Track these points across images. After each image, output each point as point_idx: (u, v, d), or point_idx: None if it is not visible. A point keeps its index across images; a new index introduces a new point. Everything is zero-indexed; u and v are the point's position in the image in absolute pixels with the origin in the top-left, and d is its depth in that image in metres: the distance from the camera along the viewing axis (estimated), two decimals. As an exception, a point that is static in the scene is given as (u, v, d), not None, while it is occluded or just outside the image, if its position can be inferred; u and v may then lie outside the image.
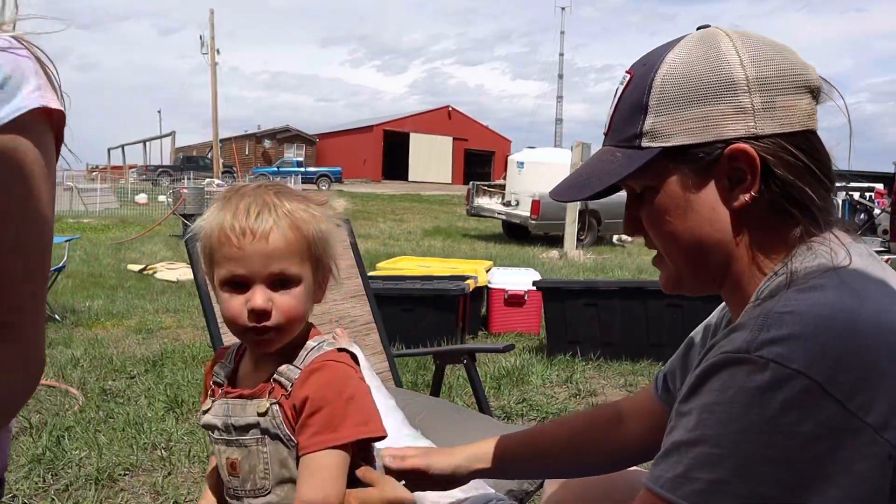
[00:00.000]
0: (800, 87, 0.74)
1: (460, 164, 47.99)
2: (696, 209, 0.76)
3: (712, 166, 0.75)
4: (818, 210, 0.73)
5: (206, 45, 29.13)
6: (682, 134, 0.75)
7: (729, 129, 0.73)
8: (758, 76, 0.73)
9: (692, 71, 0.75)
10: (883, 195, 6.13)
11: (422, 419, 1.96)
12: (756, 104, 0.73)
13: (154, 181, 31.55)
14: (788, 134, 0.73)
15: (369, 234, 13.26)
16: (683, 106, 0.75)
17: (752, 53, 0.74)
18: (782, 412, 0.59)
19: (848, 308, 0.63)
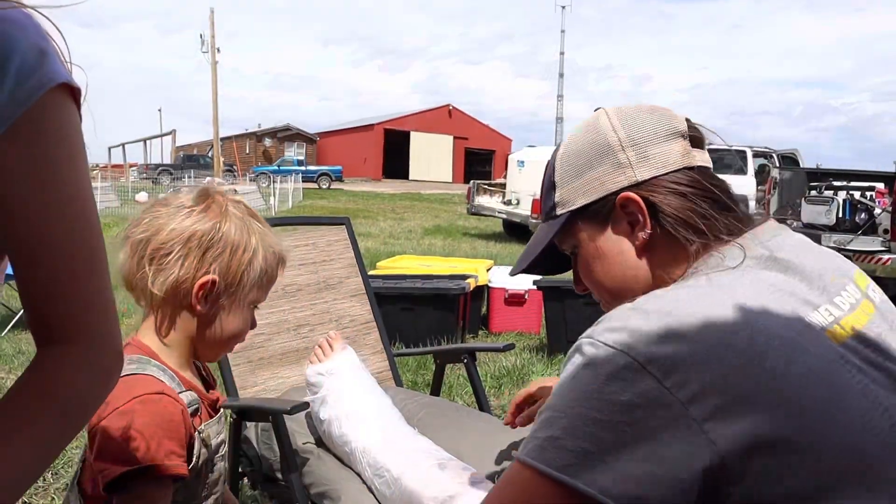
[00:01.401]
0: (668, 135, 0.90)
1: (461, 162, 47.99)
2: (608, 256, 0.92)
3: (610, 217, 0.91)
4: (711, 228, 0.86)
5: (207, 44, 29.15)
6: (581, 197, 0.92)
7: (614, 183, 0.90)
8: (628, 135, 0.90)
9: (579, 146, 0.94)
10: (883, 194, 6.12)
11: (421, 418, 1.96)
12: (631, 158, 0.89)
13: (155, 180, 31.55)
14: (666, 174, 0.88)
15: (369, 232, 13.26)
16: (578, 175, 0.93)
17: (622, 120, 0.92)
18: (607, 383, 0.71)
19: (679, 305, 0.75)
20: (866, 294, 0.85)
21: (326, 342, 1.92)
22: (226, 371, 2.17)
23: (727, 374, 0.69)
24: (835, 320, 0.77)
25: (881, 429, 0.71)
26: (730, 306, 0.73)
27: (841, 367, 0.73)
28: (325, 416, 1.80)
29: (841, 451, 0.69)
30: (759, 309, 0.74)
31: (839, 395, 0.71)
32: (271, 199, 19.48)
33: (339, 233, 2.62)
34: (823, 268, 0.84)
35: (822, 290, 0.80)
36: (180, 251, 1.03)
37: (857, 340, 0.77)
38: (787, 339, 0.72)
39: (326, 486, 1.75)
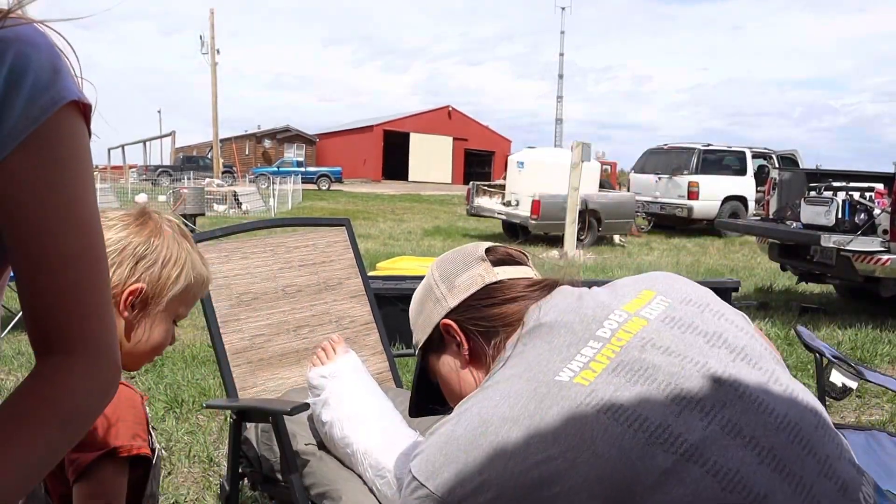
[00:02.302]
0: (468, 262, 1.09)
1: (460, 164, 47.99)
2: (449, 374, 1.09)
3: (442, 344, 1.09)
4: (503, 326, 1.01)
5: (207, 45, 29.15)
6: (421, 334, 1.12)
7: (436, 316, 1.08)
8: (440, 274, 1.11)
9: (416, 296, 1.16)
10: (883, 195, 6.12)
11: (422, 420, 1.96)
12: (443, 291, 1.08)
13: (154, 181, 31.54)
14: (472, 296, 1.05)
15: (369, 234, 13.26)
16: (416, 318, 1.14)
17: (438, 263, 1.14)
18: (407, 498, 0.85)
19: (453, 419, 0.87)
20: (637, 313, 0.93)
21: (329, 344, 1.92)
22: (225, 372, 2.17)
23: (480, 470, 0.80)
24: (589, 360, 0.86)
25: (635, 444, 0.77)
26: (484, 411, 0.84)
27: (585, 409, 0.80)
28: (327, 418, 1.80)
29: (596, 485, 0.76)
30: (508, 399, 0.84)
31: (581, 438, 0.78)
32: (271, 200, 19.48)
33: (339, 234, 2.62)
34: (587, 308, 0.94)
35: (583, 331, 0.90)
36: (114, 259, 1.10)
37: (614, 367, 0.84)
38: (527, 415, 0.81)
39: (327, 487, 1.75)
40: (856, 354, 4.87)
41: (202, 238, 2.30)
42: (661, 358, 0.85)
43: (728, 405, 0.80)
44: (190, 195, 12.17)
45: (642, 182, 15.50)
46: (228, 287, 2.28)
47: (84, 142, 0.68)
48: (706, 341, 0.88)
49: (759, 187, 13.89)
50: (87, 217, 0.68)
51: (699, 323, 0.91)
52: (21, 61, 0.62)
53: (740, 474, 0.75)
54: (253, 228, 2.57)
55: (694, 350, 0.86)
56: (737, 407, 0.80)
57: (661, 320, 0.91)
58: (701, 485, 0.75)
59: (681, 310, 0.93)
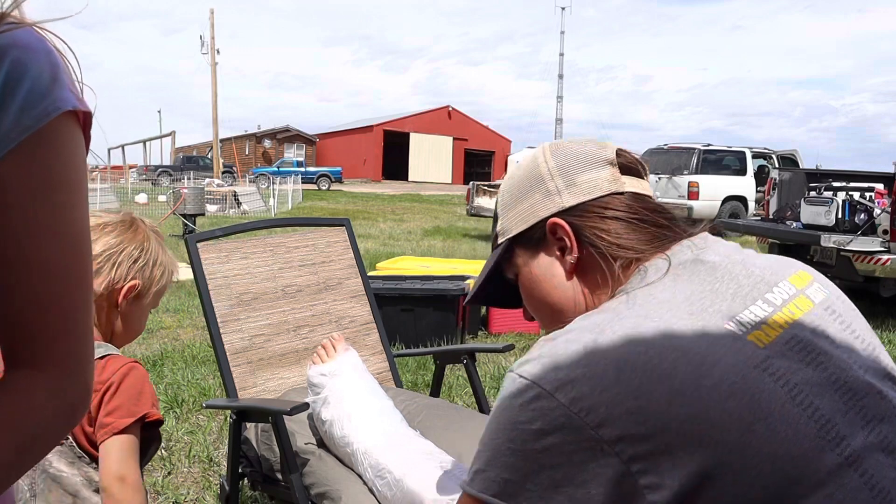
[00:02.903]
0: (596, 162, 0.94)
1: (460, 164, 47.99)
2: (542, 280, 0.96)
3: (542, 243, 0.95)
4: (634, 245, 0.89)
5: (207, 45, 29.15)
6: (517, 225, 0.98)
7: (543, 210, 0.95)
8: (557, 165, 0.95)
9: (514, 180, 1.00)
10: (883, 195, 6.12)
11: (421, 420, 1.96)
12: (559, 186, 0.94)
13: (154, 181, 31.55)
14: (593, 199, 0.92)
15: (369, 234, 13.26)
16: (514, 204, 0.98)
17: (554, 151, 0.97)
18: (520, 413, 0.74)
19: (591, 330, 0.77)
20: (803, 291, 0.84)
21: (330, 343, 1.93)
22: (225, 372, 2.17)
23: (637, 397, 0.70)
24: (761, 320, 0.77)
25: (808, 433, 0.70)
26: (639, 328, 0.75)
27: (762, 374, 0.72)
28: (327, 416, 1.80)
29: (767, 464, 0.68)
30: (669, 326, 0.75)
31: (759, 406, 0.70)
32: (271, 200, 19.48)
33: (339, 234, 2.62)
34: (754, 266, 0.85)
35: (751, 287, 0.81)
36: (115, 259, 1.34)
37: (787, 339, 0.76)
38: (697, 353, 0.72)
39: (327, 487, 1.75)
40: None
41: (202, 238, 2.30)
42: (831, 348, 0.78)
43: (886, 420, 0.75)
44: (190, 195, 12.15)
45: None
46: (228, 287, 2.28)
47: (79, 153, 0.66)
48: (863, 347, 0.82)
49: (759, 187, 13.88)
50: (75, 230, 0.66)
51: (856, 326, 0.85)
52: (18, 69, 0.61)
53: (892, 495, 0.71)
54: (253, 228, 2.57)
55: (854, 354, 0.80)
56: (894, 424, 0.75)
57: (823, 308, 0.84)
58: (859, 496, 0.70)
59: (839, 304, 0.86)
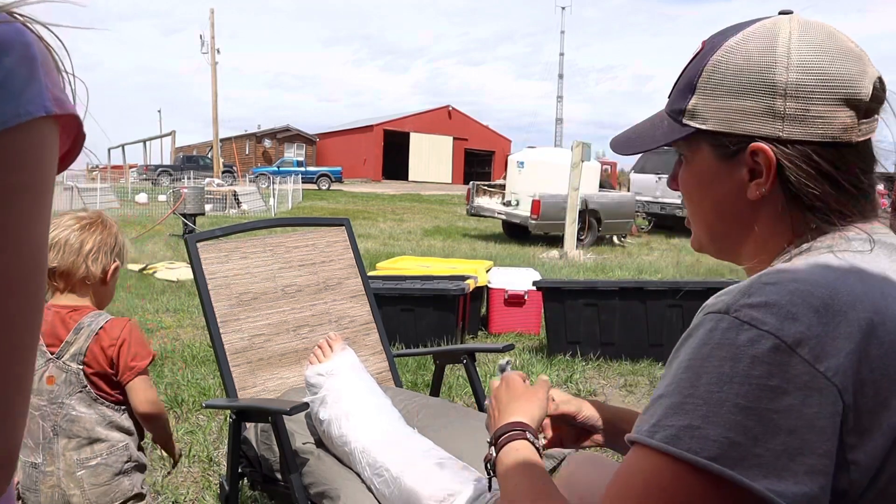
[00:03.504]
0: (841, 99, 0.77)
1: (460, 163, 47.99)
2: (717, 188, 0.83)
3: (736, 156, 0.81)
4: (835, 213, 0.78)
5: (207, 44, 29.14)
6: (716, 121, 0.81)
7: (757, 127, 0.78)
8: (798, 81, 0.76)
9: (740, 64, 0.80)
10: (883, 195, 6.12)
11: (420, 419, 1.96)
12: (788, 109, 0.77)
13: (154, 181, 31.55)
14: (815, 143, 0.77)
15: (369, 233, 13.26)
16: (724, 95, 0.80)
17: (803, 57, 0.77)
18: (752, 366, 0.64)
19: (828, 283, 0.68)
20: None
21: (326, 343, 1.93)
22: (225, 371, 2.17)
23: (873, 370, 0.64)
24: None
25: None
26: (878, 286, 0.68)
27: None
28: (325, 416, 1.80)
29: None
30: (894, 302, 0.68)
31: None
32: (270, 199, 19.48)
33: (339, 234, 2.62)
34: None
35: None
36: (105, 250, 1.78)
37: None
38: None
39: (326, 486, 1.75)
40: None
41: (202, 238, 2.30)
42: None
43: None
44: (190, 195, 12.16)
45: (642, 182, 15.50)
46: (228, 287, 2.28)
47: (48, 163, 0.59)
48: None
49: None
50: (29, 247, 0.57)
51: None
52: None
53: None
54: (253, 228, 2.57)
55: None
56: None
57: None
58: None
59: None
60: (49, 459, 1.67)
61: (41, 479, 1.67)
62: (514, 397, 1.12)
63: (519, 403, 1.10)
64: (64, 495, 1.67)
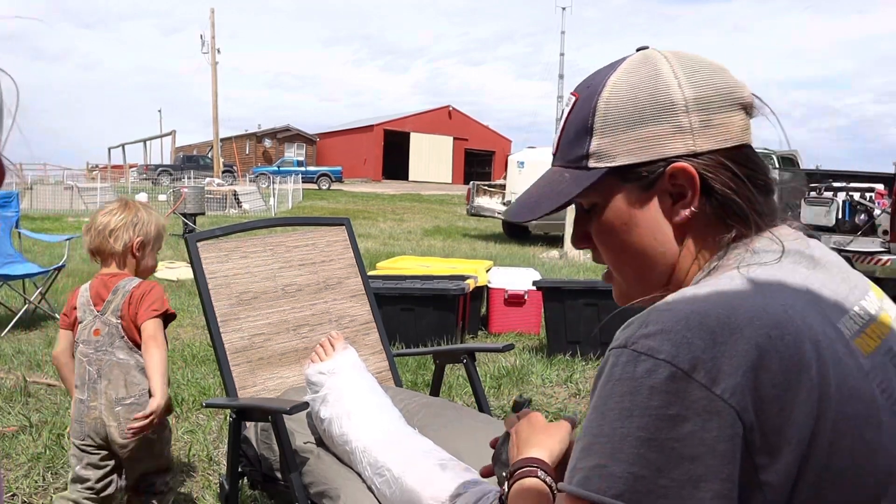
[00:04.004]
0: (734, 104, 0.79)
1: (460, 163, 47.99)
2: (641, 224, 0.81)
3: (655, 184, 0.79)
4: (757, 215, 0.78)
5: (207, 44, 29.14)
6: (626, 154, 0.79)
7: (669, 148, 0.78)
8: (695, 96, 0.78)
9: (633, 94, 0.80)
10: (883, 195, 6.12)
11: (420, 418, 1.96)
12: (694, 123, 0.78)
13: (154, 180, 31.55)
14: (725, 149, 0.78)
15: (369, 233, 13.26)
16: (626, 127, 0.79)
17: (689, 75, 0.79)
18: (651, 396, 0.64)
19: (725, 302, 0.68)
20: (883, 306, 0.79)
21: (328, 341, 1.93)
22: (225, 371, 2.18)
23: (775, 385, 0.63)
24: (860, 328, 0.72)
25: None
26: (771, 310, 0.67)
27: (871, 382, 0.68)
28: (326, 414, 1.80)
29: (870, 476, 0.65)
30: (798, 312, 0.68)
31: (870, 414, 0.66)
32: (271, 199, 19.48)
33: (339, 233, 2.62)
34: (848, 270, 0.78)
35: (849, 291, 0.75)
36: (127, 227, 2.13)
37: (885, 349, 0.72)
38: (826, 347, 0.66)
39: (326, 486, 1.75)
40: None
41: (202, 237, 2.30)
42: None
43: None
44: (190, 194, 12.16)
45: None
46: (228, 286, 2.28)
47: None
48: None
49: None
50: None
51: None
52: None
53: None
54: (253, 228, 2.57)
55: None
56: None
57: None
58: None
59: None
60: (93, 396, 2.05)
61: (86, 412, 2.06)
62: (534, 431, 1.07)
63: (539, 437, 1.06)
64: (104, 426, 2.04)
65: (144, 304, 2.09)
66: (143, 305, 2.09)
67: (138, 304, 2.08)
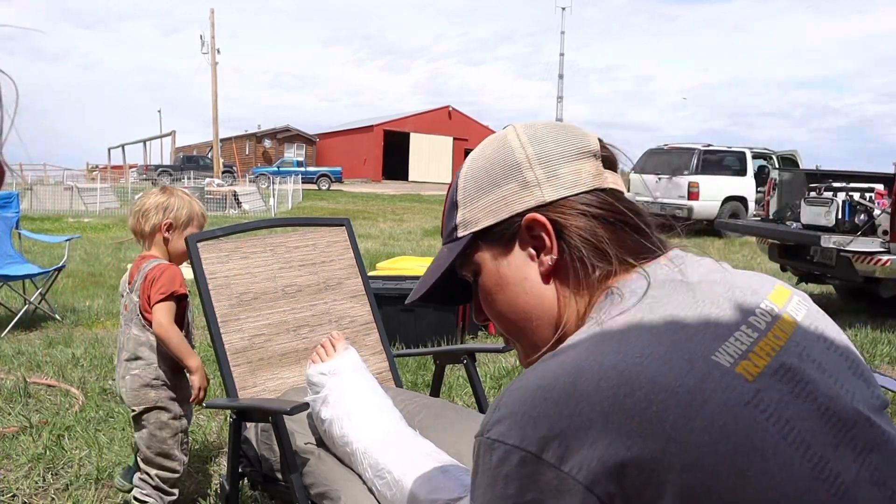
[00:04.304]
0: (580, 153, 0.84)
1: (460, 164, 47.56)
2: (511, 282, 0.84)
3: (515, 239, 0.84)
4: (623, 251, 0.80)
5: (207, 44, 29.15)
6: (485, 217, 0.85)
7: (520, 203, 0.83)
8: (537, 153, 0.84)
9: (485, 163, 0.87)
10: (883, 196, 6.12)
11: (421, 419, 1.96)
12: (539, 176, 0.83)
13: (154, 181, 31.55)
14: (575, 195, 0.82)
15: (369, 234, 13.26)
16: (482, 193, 0.86)
17: (531, 136, 0.85)
18: (507, 485, 0.64)
19: (573, 368, 0.67)
20: (785, 310, 0.77)
21: (329, 342, 1.92)
22: (225, 371, 2.18)
23: (630, 447, 0.62)
24: (748, 349, 0.69)
25: (802, 474, 0.64)
26: (621, 367, 0.66)
27: (752, 411, 0.65)
28: (327, 415, 1.79)
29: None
30: (656, 360, 0.66)
31: (752, 447, 0.63)
32: (271, 200, 19.47)
33: (339, 234, 2.62)
34: (735, 286, 0.77)
35: (734, 311, 0.73)
36: (157, 210, 2.42)
37: (775, 368, 0.69)
38: (686, 390, 0.64)
39: (327, 487, 1.75)
40: (855, 355, 4.87)
41: (202, 238, 2.30)
42: (817, 374, 0.71)
43: (875, 450, 0.69)
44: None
45: (642, 182, 15.51)
46: (228, 287, 2.28)
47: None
48: (848, 367, 0.76)
49: (759, 188, 13.89)
50: None
51: (838, 343, 0.78)
52: None
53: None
54: (253, 228, 2.57)
55: (842, 374, 0.74)
56: (883, 453, 0.70)
57: (806, 326, 0.77)
58: None
59: (820, 321, 0.80)
60: (118, 363, 2.43)
61: (117, 375, 2.44)
62: None
63: None
64: (120, 389, 2.43)
65: (154, 287, 2.30)
66: (154, 288, 2.30)
67: (150, 287, 2.31)
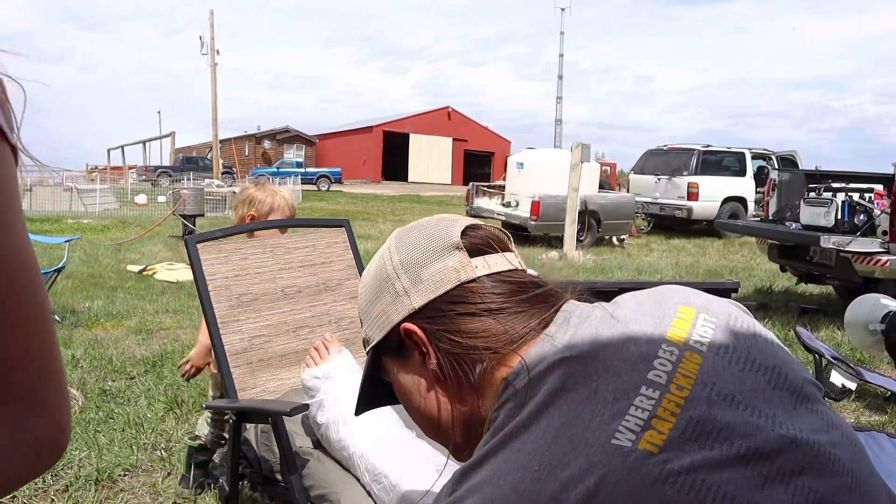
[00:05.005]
0: (442, 251, 0.85)
1: (460, 164, 47.99)
2: (411, 388, 0.87)
3: (403, 350, 0.86)
4: (490, 348, 0.80)
5: (207, 45, 29.14)
6: (376, 332, 0.88)
7: (396, 314, 0.85)
8: (401, 261, 0.86)
9: (369, 278, 0.90)
10: (882, 196, 6.12)
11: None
12: (406, 285, 0.84)
13: (154, 182, 31.55)
14: (443, 295, 0.83)
15: (369, 234, 13.26)
16: (370, 308, 0.89)
17: (399, 244, 0.88)
18: None
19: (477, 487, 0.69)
20: (688, 345, 0.75)
21: (322, 344, 1.91)
22: (225, 372, 2.17)
23: None
24: (651, 415, 0.68)
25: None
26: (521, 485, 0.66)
27: (662, 487, 0.64)
28: (323, 420, 1.79)
29: None
30: (554, 467, 0.66)
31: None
32: (270, 200, 19.45)
33: (339, 235, 2.62)
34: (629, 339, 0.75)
35: (630, 374, 0.71)
36: (244, 203, 2.68)
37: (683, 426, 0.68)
38: (588, 493, 0.64)
39: (326, 489, 1.75)
40: (855, 355, 4.87)
41: (202, 239, 2.30)
42: (731, 413, 0.70)
43: (805, 471, 0.68)
44: (189, 196, 12.16)
45: (642, 183, 15.51)
46: (228, 288, 2.28)
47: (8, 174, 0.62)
48: (767, 381, 0.74)
49: (758, 188, 13.90)
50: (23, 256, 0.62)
51: (755, 354, 0.76)
52: None
53: None
54: (253, 229, 2.57)
55: (760, 398, 0.73)
56: (813, 470, 0.68)
57: (715, 353, 0.75)
58: None
59: (732, 336, 0.78)
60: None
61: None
62: None
63: None
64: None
65: None
66: None
67: None
